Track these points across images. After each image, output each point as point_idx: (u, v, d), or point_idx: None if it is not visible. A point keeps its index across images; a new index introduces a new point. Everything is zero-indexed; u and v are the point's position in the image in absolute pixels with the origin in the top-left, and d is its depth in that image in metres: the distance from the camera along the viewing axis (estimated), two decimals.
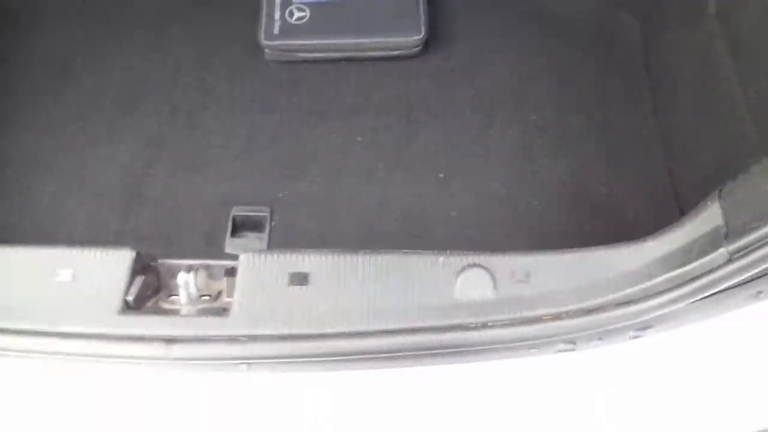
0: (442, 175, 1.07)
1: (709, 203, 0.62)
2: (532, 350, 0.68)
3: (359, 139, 1.10)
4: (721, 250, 0.59)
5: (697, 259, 0.60)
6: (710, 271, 0.59)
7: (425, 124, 1.12)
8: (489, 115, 1.13)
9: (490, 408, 0.72)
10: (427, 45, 1.17)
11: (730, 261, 0.58)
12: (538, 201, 1.04)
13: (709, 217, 0.62)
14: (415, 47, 1.14)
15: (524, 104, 1.14)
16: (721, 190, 0.63)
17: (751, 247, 0.57)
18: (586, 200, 1.04)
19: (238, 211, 1.01)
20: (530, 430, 0.72)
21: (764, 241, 0.56)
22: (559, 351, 0.69)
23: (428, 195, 1.06)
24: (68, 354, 0.65)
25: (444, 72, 1.17)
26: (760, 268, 0.57)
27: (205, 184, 1.06)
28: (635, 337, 0.70)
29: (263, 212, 1.02)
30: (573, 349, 0.69)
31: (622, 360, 0.71)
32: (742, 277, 0.58)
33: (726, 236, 0.59)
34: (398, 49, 1.14)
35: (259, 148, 1.10)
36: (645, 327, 0.69)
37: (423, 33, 1.13)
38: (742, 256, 0.57)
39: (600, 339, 0.69)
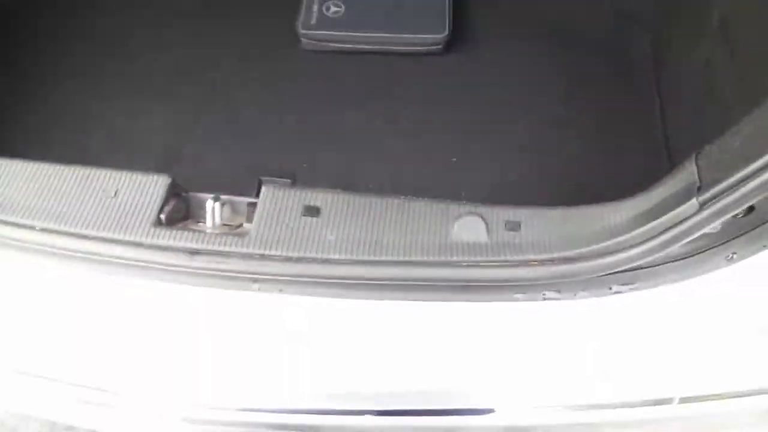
0: (455, 159, 1.15)
1: (686, 164, 0.69)
2: (518, 295, 0.74)
3: (379, 122, 1.19)
4: (692, 201, 0.65)
5: (671, 210, 0.66)
6: (682, 221, 0.65)
7: (442, 114, 1.21)
8: (502, 110, 1.22)
9: (480, 351, 0.78)
10: (449, 45, 1.27)
11: (700, 210, 0.64)
12: (543, 188, 1.11)
13: (685, 176, 0.68)
14: (439, 45, 1.24)
15: (536, 104, 1.22)
16: (698, 154, 0.69)
17: (719, 197, 0.63)
18: (588, 191, 1.09)
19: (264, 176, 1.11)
20: (514, 373, 0.77)
21: (731, 190, 0.62)
22: (546, 298, 0.75)
23: (439, 176, 1.13)
24: (106, 256, 0.74)
25: (463, 70, 1.27)
26: (727, 216, 0.63)
27: (237, 152, 1.15)
28: (617, 292, 0.75)
29: (287, 179, 1.11)
30: (558, 298, 0.75)
31: (605, 317, 0.76)
32: (711, 225, 0.64)
33: (698, 189, 0.65)
34: (423, 46, 1.24)
35: (287, 124, 1.19)
36: (627, 282, 0.74)
37: (447, 31, 1.23)
38: (710, 205, 0.63)
39: (583, 289, 0.74)
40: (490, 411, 0.75)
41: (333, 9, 1.26)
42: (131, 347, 0.77)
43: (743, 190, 0.60)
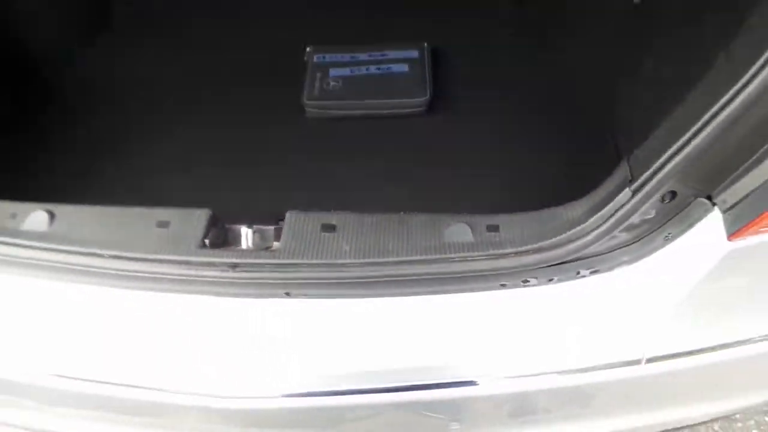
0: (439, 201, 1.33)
1: (621, 165, 0.87)
2: (502, 284, 0.90)
3: (373, 173, 1.39)
4: (626, 190, 0.83)
5: (611, 200, 0.84)
6: (621, 207, 0.83)
7: (427, 164, 1.41)
8: (479, 159, 1.42)
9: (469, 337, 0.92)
10: (431, 107, 1.51)
11: (632, 197, 0.82)
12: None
13: (621, 174, 0.86)
14: (422, 107, 1.48)
15: (509, 153, 1.42)
16: (629, 157, 0.88)
17: (645, 184, 0.81)
18: None
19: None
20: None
21: (653, 177, 0.80)
22: (526, 285, 0.90)
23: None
24: (162, 274, 0.90)
25: (444, 127, 1.49)
26: (653, 198, 0.81)
27: (257, 201, 1.32)
28: (583, 276, 0.91)
29: None
30: (536, 284, 0.90)
31: (578, 296, 0.91)
32: (644, 207, 0.81)
33: (630, 181, 0.83)
34: (408, 108, 1.48)
35: (299, 179, 1.39)
36: (590, 267, 0.90)
37: (428, 95, 1.47)
38: (639, 192, 0.81)
39: (555, 275, 0.90)
40: (473, 383, 0.88)
41: (332, 84, 1.51)
42: (182, 349, 0.91)
43: (659, 176, 0.79)
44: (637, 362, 0.88)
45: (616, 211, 0.84)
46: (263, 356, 0.92)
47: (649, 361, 0.87)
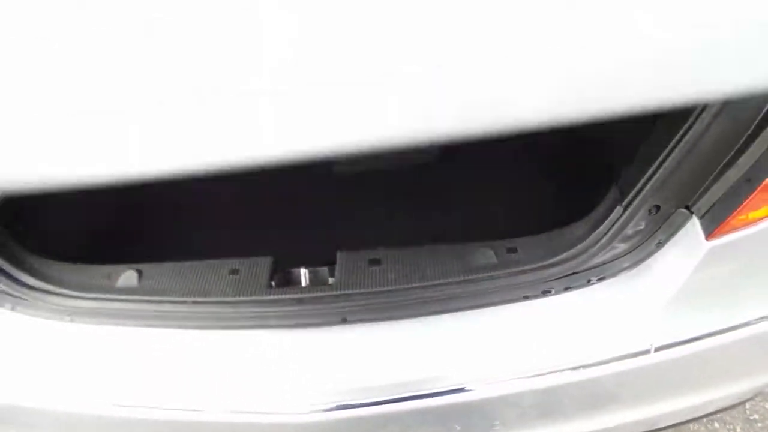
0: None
1: (612, 188, 1.06)
2: (524, 296, 1.06)
3: (400, 216, 1.58)
4: (618, 207, 1.01)
5: (607, 217, 1.02)
6: (615, 222, 1.01)
7: (443, 204, 1.61)
8: (490, 196, 1.62)
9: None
10: (442, 157, 1.71)
11: (623, 213, 1.00)
12: None
13: (612, 195, 1.05)
14: (433, 155, 1.68)
15: (516, 188, 1.62)
16: (617, 181, 1.06)
17: (632, 200, 0.99)
18: None
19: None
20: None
21: (638, 195, 0.98)
22: (544, 295, 1.07)
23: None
24: (237, 315, 1.06)
25: (452, 176, 1.70)
26: (640, 212, 0.98)
27: (304, 247, 1.45)
28: (593, 284, 1.07)
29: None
30: (553, 294, 1.07)
31: (591, 300, 1.07)
32: (634, 220, 0.99)
33: (620, 200, 1.02)
34: (422, 160, 1.69)
35: (334, 226, 1.57)
36: (598, 275, 1.07)
37: (439, 146, 1.67)
38: (628, 207, 0.99)
39: (570, 284, 1.07)
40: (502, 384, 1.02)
41: None
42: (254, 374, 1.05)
43: (643, 193, 0.98)
44: (647, 352, 1.03)
45: (612, 225, 1.02)
46: (317, 375, 1.06)
47: (657, 350, 1.03)
